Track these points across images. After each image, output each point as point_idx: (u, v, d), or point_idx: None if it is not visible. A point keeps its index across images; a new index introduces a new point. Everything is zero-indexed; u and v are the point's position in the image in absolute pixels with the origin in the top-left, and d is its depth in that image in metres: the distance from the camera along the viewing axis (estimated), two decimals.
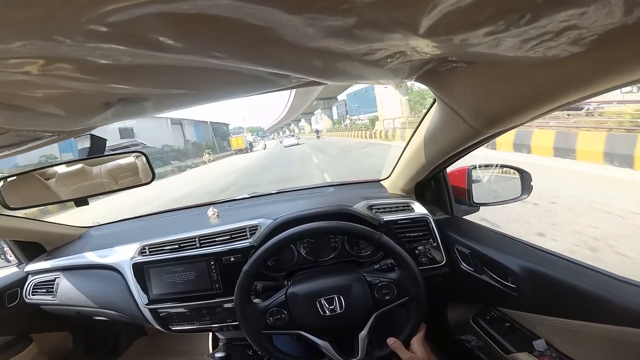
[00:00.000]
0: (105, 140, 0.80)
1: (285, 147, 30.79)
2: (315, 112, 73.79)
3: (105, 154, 0.86)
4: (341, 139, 29.00)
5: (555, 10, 0.31)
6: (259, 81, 0.51)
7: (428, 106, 0.93)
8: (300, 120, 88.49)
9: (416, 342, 0.96)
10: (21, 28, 0.26)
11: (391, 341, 0.95)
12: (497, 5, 0.31)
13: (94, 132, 0.75)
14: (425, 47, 0.41)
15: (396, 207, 1.27)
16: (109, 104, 0.49)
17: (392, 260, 1.03)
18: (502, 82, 0.56)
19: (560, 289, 0.82)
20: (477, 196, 1.21)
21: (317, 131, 51.57)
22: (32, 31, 0.26)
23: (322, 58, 0.41)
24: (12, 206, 0.88)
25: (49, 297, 1.35)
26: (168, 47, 0.31)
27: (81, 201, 0.85)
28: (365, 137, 23.60)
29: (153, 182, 0.98)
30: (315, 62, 0.42)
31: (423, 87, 0.75)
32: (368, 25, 0.33)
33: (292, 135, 43.42)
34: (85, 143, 0.76)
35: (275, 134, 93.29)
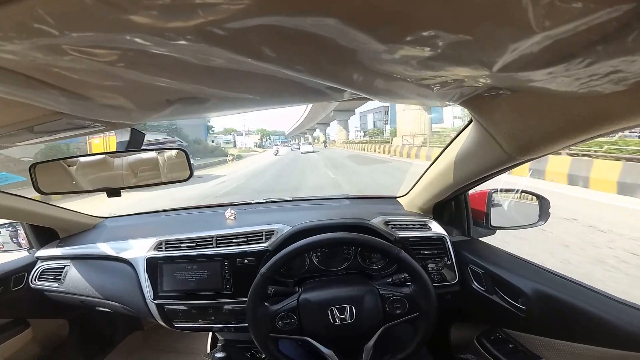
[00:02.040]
0: (144, 134, 0.81)
1: (302, 153, 32.42)
2: (331, 123, 74.53)
3: (149, 147, 0.87)
4: (350, 151, 30.69)
5: (610, 57, 0.34)
6: (315, 93, 0.53)
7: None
8: (315, 130, 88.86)
9: None
10: (138, 21, 0.27)
11: None
12: (565, 50, 0.33)
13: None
14: (484, 79, 0.43)
15: (412, 224, 1.29)
16: (170, 102, 0.50)
17: (405, 275, 1.04)
18: (542, 112, 0.58)
19: (570, 312, 0.84)
20: (495, 219, 1.22)
21: (325, 141, 55.63)
22: (147, 25, 0.27)
23: (384, 79, 0.43)
24: (43, 190, 0.90)
25: (55, 284, 1.36)
26: (264, 57, 0.32)
27: (113, 192, 0.86)
28: (380, 152, 23.38)
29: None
30: (377, 82, 0.43)
31: None
32: (446, 59, 0.35)
33: (309, 143, 45.41)
34: (125, 136, 0.77)
35: (295, 139, 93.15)
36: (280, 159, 24.54)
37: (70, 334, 1.67)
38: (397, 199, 1.59)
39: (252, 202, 1.75)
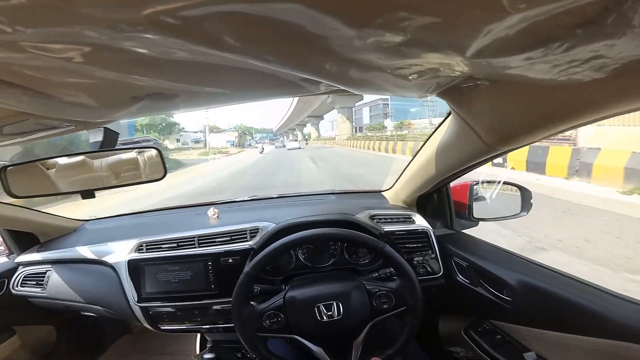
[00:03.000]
0: (118, 134, 0.79)
1: (288, 149, 32.58)
2: (324, 116, 72.90)
3: (119, 147, 0.85)
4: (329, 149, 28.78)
5: (590, 41, 0.33)
6: (289, 85, 0.52)
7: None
8: (306, 125, 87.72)
9: None
10: (88, 13, 0.26)
11: None
12: (542, 34, 0.33)
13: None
14: (459, 67, 0.42)
15: (397, 218, 1.29)
16: (137, 98, 0.49)
17: (391, 270, 1.04)
18: (521, 102, 0.58)
19: (555, 303, 0.84)
20: (477, 211, 1.23)
21: (305, 140, 53.94)
22: (98, 17, 0.26)
23: (358, 69, 0.42)
24: (16, 194, 0.87)
25: (38, 290, 1.32)
26: (228, 46, 0.31)
27: (88, 194, 0.84)
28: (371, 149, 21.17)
29: None
30: (351, 72, 0.42)
31: None
32: (418, 44, 0.34)
33: (296, 140, 46.85)
34: (98, 136, 0.75)
35: (283, 136, 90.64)
36: (261, 159, 22.20)
37: (58, 340, 1.63)
38: (382, 192, 1.59)
39: (237, 200, 1.73)
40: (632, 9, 0.28)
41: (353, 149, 26.19)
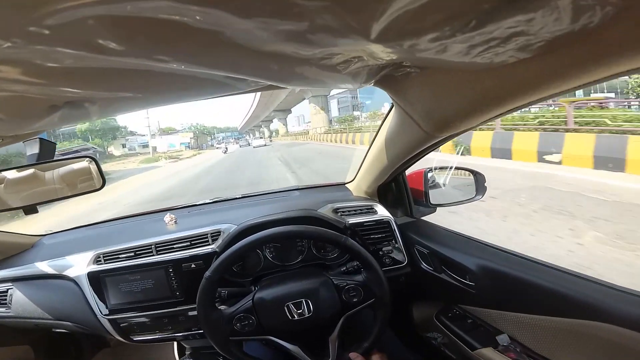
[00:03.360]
0: (55, 144, 0.77)
1: (254, 147, 31.35)
2: (292, 109, 68.59)
3: (55, 159, 0.83)
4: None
5: (502, 16, 0.32)
6: (213, 85, 0.50)
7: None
8: (272, 121, 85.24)
9: (378, 359, 0.97)
10: None
11: (354, 356, 0.96)
12: (444, 11, 0.32)
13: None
14: (379, 53, 0.42)
15: (360, 209, 1.30)
16: (56, 107, 0.47)
17: (358, 263, 1.05)
18: (452, 88, 0.58)
19: (516, 285, 0.86)
20: (435, 197, 1.26)
21: (270, 137, 51.44)
22: None
23: (278, 62, 0.41)
24: None
25: (3, 310, 1.27)
26: (109, 50, 0.30)
27: (30, 209, 0.81)
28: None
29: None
30: (272, 66, 0.42)
31: None
32: (321, 30, 0.33)
33: (261, 137, 45.77)
34: (34, 148, 0.73)
35: (250, 134, 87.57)
36: (219, 163, 19.42)
37: (36, 359, 1.58)
38: (346, 184, 1.60)
39: (197, 203, 1.69)
40: None
41: (333, 144, 21.74)
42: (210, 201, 1.70)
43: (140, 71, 0.39)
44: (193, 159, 30.57)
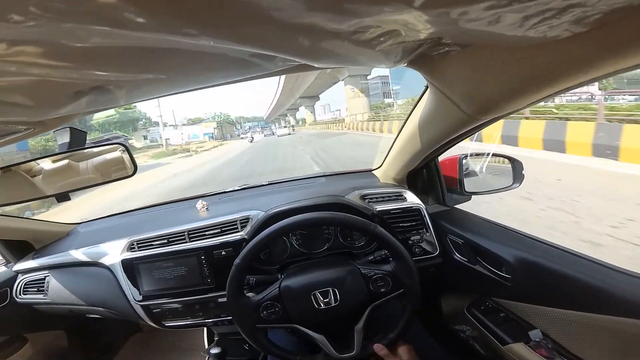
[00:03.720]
0: (86, 133, 0.78)
1: (278, 136, 31.78)
2: (321, 96, 66.20)
3: (86, 146, 0.84)
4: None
5: None
6: (240, 65, 0.48)
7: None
8: (298, 109, 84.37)
9: (404, 351, 0.95)
10: None
11: (378, 347, 0.94)
12: None
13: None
14: (419, 24, 0.39)
15: (389, 196, 1.27)
16: (81, 93, 0.47)
17: (386, 252, 1.02)
18: (498, 66, 0.54)
19: (555, 279, 0.82)
20: (469, 185, 1.21)
21: (292, 126, 51.28)
22: None
23: (308, 36, 0.38)
24: None
25: (40, 296, 1.33)
26: (135, 24, 0.28)
27: (63, 197, 0.83)
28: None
29: None
30: (301, 40, 0.39)
31: None
32: None
33: (285, 127, 46.86)
34: (65, 137, 0.74)
35: (275, 124, 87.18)
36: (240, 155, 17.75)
37: (70, 344, 1.66)
38: (373, 171, 1.57)
39: (227, 190, 1.71)
40: None
41: (381, 135, 16.83)
42: (239, 188, 1.72)
43: (167, 49, 0.37)
44: (212, 152, 26.71)
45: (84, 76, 0.41)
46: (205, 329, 1.59)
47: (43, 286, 1.33)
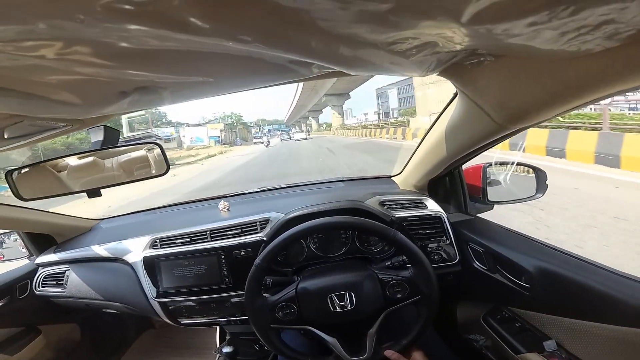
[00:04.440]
0: (119, 131, 0.80)
1: (295, 140, 31.42)
2: (323, 110, 66.40)
3: (120, 144, 0.85)
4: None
5: (599, 3, 0.30)
6: (279, 70, 0.49)
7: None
8: (308, 118, 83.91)
9: (419, 356, 0.94)
10: (41, 6, 0.25)
11: (389, 353, 0.94)
12: None
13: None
14: (458, 38, 0.39)
15: (408, 203, 1.26)
16: (126, 93, 0.48)
17: (404, 258, 1.02)
18: (530, 77, 0.55)
19: (574, 289, 0.81)
20: (491, 194, 1.19)
21: (307, 131, 48.33)
22: (51, 9, 0.25)
23: (348, 45, 0.39)
24: (25, 197, 0.89)
25: (59, 289, 1.36)
26: (195, 29, 0.29)
27: (94, 193, 0.84)
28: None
29: None
30: (341, 49, 0.40)
31: None
32: (406, 10, 0.31)
33: (302, 131, 45.82)
34: (99, 135, 0.75)
35: (296, 127, 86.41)
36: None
37: (82, 338, 1.69)
38: (392, 177, 1.56)
39: (247, 192, 1.73)
40: None
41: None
42: (259, 190, 1.74)
43: (217, 54, 0.38)
44: (198, 167, 18.01)
45: (133, 76, 0.42)
46: (217, 328, 1.60)
47: (62, 279, 1.36)
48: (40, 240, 1.45)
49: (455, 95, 0.82)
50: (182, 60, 0.40)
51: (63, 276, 1.37)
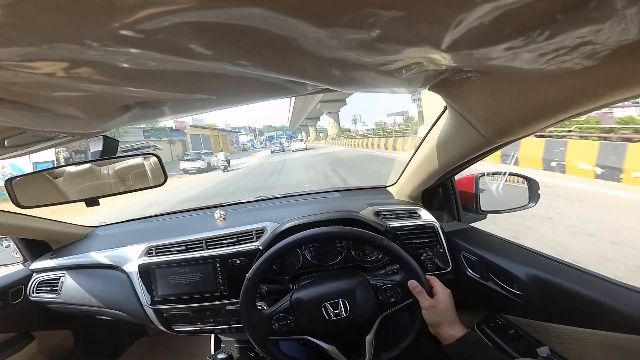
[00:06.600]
0: (118, 141, 0.81)
1: (293, 150, 29.71)
2: (320, 117, 63.95)
3: (118, 155, 0.86)
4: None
5: (573, 27, 0.32)
6: (276, 88, 0.51)
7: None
8: (307, 126, 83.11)
9: (440, 287, 0.96)
10: (51, 31, 0.26)
11: (413, 285, 0.95)
12: (519, 22, 0.31)
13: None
14: (442, 60, 0.41)
15: (403, 213, 1.28)
16: (127, 107, 0.49)
17: (398, 266, 1.03)
18: (515, 93, 0.57)
19: (566, 297, 0.82)
20: (484, 203, 1.21)
21: (304, 141, 42.44)
22: (62, 35, 0.27)
23: (340, 68, 0.41)
24: (24, 204, 0.89)
25: (53, 296, 1.36)
26: (197, 55, 0.31)
27: (92, 202, 0.85)
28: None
29: None
30: (333, 71, 0.42)
31: None
32: (390, 39, 0.33)
33: (301, 140, 41.66)
34: (98, 145, 0.77)
35: (298, 134, 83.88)
36: None
37: (75, 345, 1.68)
38: (387, 188, 1.58)
39: (243, 201, 1.74)
40: None
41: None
42: (255, 199, 1.75)
43: (217, 74, 0.40)
44: None
45: (136, 93, 0.44)
46: (212, 336, 1.60)
47: (57, 286, 1.36)
48: (35, 246, 1.45)
49: (446, 108, 0.84)
50: (183, 79, 0.42)
51: (58, 282, 1.36)
